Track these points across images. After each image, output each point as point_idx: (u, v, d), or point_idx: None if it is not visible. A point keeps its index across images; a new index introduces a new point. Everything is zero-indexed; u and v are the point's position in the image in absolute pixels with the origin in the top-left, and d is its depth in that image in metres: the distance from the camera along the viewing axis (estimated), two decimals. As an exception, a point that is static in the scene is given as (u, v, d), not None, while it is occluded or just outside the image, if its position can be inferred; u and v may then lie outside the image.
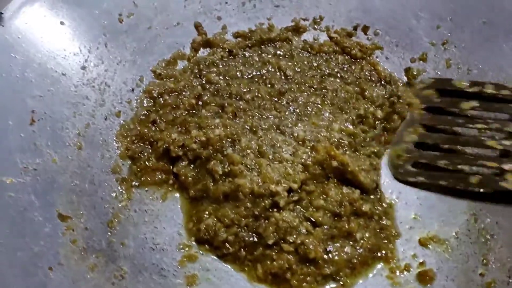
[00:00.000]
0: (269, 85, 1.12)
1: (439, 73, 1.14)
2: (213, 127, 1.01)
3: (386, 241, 0.96)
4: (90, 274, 0.85)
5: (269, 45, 1.21)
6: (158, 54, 1.13)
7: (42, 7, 0.99)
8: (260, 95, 1.10)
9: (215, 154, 0.98)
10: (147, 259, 0.91)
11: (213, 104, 1.07)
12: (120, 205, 0.96)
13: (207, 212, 0.95)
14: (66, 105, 0.98)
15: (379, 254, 0.94)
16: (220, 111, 1.07)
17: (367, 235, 0.95)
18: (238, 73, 1.14)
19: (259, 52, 1.19)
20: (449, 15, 1.14)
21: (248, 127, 1.04)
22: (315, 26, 1.22)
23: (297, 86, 1.13)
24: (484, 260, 0.93)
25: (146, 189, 0.99)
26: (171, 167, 1.01)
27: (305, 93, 1.12)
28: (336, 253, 0.92)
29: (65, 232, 0.87)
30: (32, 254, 0.80)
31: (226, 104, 1.06)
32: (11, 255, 0.78)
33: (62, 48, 1.00)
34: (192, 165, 1.00)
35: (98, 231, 0.90)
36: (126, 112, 1.06)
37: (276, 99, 1.11)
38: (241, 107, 1.07)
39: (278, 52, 1.19)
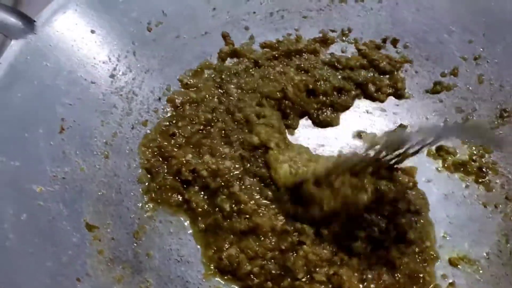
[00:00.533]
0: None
1: (470, 88, 1.12)
2: (223, 156, 1.00)
3: (425, 264, 0.93)
4: (117, 285, 0.84)
5: (295, 56, 1.19)
6: (185, 63, 1.13)
7: (74, 15, 0.99)
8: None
9: (222, 189, 0.96)
10: (172, 271, 0.91)
11: (222, 123, 1.06)
12: (145, 216, 0.96)
13: (227, 242, 0.92)
14: (94, 113, 0.98)
15: (417, 279, 0.91)
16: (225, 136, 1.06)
17: (406, 260, 0.92)
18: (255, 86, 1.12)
19: (285, 63, 1.18)
20: (481, 30, 1.12)
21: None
22: (343, 38, 1.20)
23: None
24: (517, 283, 0.91)
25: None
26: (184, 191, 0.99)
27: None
28: (374, 282, 0.89)
29: (92, 242, 0.86)
30: (60, 264, 0.80)
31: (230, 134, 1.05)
32: (41, 264, 0.77)
33: (92, 56, 1.00)
34: (203, 193, 0.98)
35: (124, 242, 0.90)
36: (152, 122, 1.06)
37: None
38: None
39: (302, 64, 1.17)
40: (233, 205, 0.94)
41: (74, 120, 0.94)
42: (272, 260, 0.89)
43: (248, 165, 1.00)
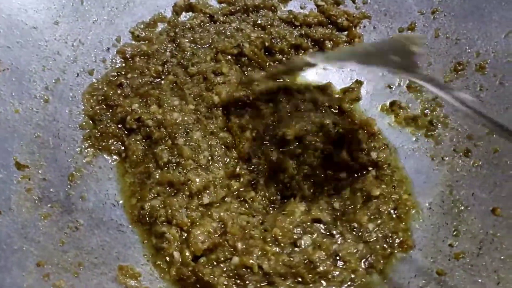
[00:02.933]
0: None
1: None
2: (172, 108, 0.98)
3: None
4: (42, 222, 0.83)
5: (253, 12, 1.18)
6: (138, 16, 1.11)
7: (15, -43, 0.98)
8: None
9: (166, 139, 0.95)
10: (106, 214, 0.90)
11: (173, 76, 1.05)
12: (84, 161, 0.95)
13: (153, 192, 0.91)
14: (35, 58, 0.97)
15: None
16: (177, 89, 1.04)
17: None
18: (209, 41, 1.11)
19: (241, 19, 1.16)
20: (439, -17, 1.10)
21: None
22: (303, -7, 1.18)
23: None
24: (455, 231, 0.89)
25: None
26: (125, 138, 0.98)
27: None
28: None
29: (21, 180, 0.86)
30: (-19, 197, 0.79)
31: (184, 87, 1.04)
32: (-42, 194, 0.77)
33: (34, 0, 0.99)
34: (144, 143, 0.97)
35: (57, 183, 0.89)
36: (99, 71, 1.05)
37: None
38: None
39: (259, 21, 1.15)
40: (172, 157, 0.93)
41: (12, 63, 0.93)
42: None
43: (205, 120, 0.99)
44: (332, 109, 1.04)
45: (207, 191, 0.91)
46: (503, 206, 0.88)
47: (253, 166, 0.95)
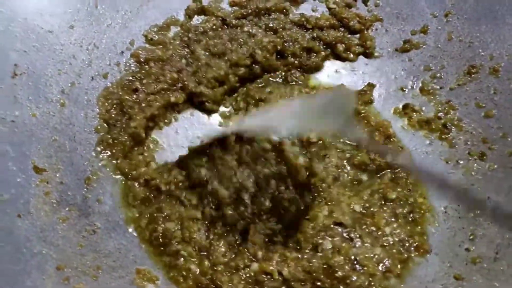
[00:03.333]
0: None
1: (439, 45, 1.10)
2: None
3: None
4: (61, 225, 0.84)
5: (264, 15, 1.18)
6: (151, 19, 1.12)
7: (31, -38, 0.99)
8: None
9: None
10: (122, 217, 0.90)
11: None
12: (100, 164, 0.95)
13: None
14: (51, 62, 0.97)
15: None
16: None
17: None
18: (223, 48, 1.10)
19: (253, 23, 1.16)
20: (452, -14, 1.10)
21: None
22: (314, -4, 1.18)
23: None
24: (472, 236, 0.89)
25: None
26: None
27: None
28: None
29: (39, 184, 0.86)
30: (0, 201, 0.80)
31: None
32: (-22, 198, 0.78)
33: (50, 5, 0.99)
34: None
35: (73, 186, 0.90)
36: (114, 75, 1.05)
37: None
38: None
39: (271, 24, 1.16)
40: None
41: (28, 67, 0.93)
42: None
43: None
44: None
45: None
46: (519, 209, 0.88)
47: None
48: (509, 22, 1.03)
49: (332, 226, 0.87)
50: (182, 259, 0.86)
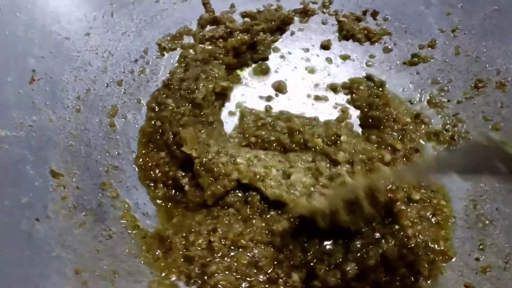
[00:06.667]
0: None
1: (447, 60, 1.12)
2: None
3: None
4: (78, 230, 0.85)
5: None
6: (164, 28, 1.13)
7: (50, -31, 1.00)
8: None
9: None
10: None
11: None
12: (115, 171, 0.96)
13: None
14: (67, 68, 0.98)
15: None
16: None
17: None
18: None
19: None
20: (459, 2, 1.12)
21: None
22: (324, 9, 1.21)
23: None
24: (481, 245, 0.90)
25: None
26: None
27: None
28: None
29: (56, 188, 0.87)
30: (19, 204, 0.80)
31: None
32: (-2, 202, 0.78)
33: (67, 12, 1.01)
34: None
35: (89, 191, 0.91)
36: (128, 82, 1.06)
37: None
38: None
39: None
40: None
41: (45, 73, 0.94)
42: None
43: None
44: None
45: None
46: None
47: None
48: (516, 38, 1.06)
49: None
50: None
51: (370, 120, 1.06)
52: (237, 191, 0.93)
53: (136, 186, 0.97)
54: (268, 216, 0.90)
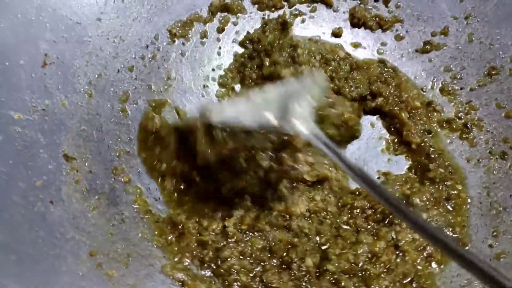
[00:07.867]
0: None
1: (460, 47, 1.11)
2: None
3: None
4: (91, 213, 0.84)
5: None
6: (175, 14, 1.12)
7: (61, -46, 0.99)
8: None
9: None
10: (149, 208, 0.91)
11: None
12: (126, 156, 0.96)
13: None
14: (79, 53, 0.98)
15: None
16: None
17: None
18: None
19: None
20: (473, -12, 1.11)
21: None
22: (335, -4, 1.20)
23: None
24: (495, 232, 0.90)
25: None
26: None
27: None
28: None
29: (69, 171, 0.86)
30: (34, 187, 0.80)
31: None
32: (13, 184, 0.78)
33: (78, -4, 1.00)
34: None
35: (102, 176, 0.90)
36: (139, 68, 1.06)
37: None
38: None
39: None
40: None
41: (57, 57, 0.94)
42: None
43: None
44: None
45: None
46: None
47: None
48: (530, 25, 1.05)
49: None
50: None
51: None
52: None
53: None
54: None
